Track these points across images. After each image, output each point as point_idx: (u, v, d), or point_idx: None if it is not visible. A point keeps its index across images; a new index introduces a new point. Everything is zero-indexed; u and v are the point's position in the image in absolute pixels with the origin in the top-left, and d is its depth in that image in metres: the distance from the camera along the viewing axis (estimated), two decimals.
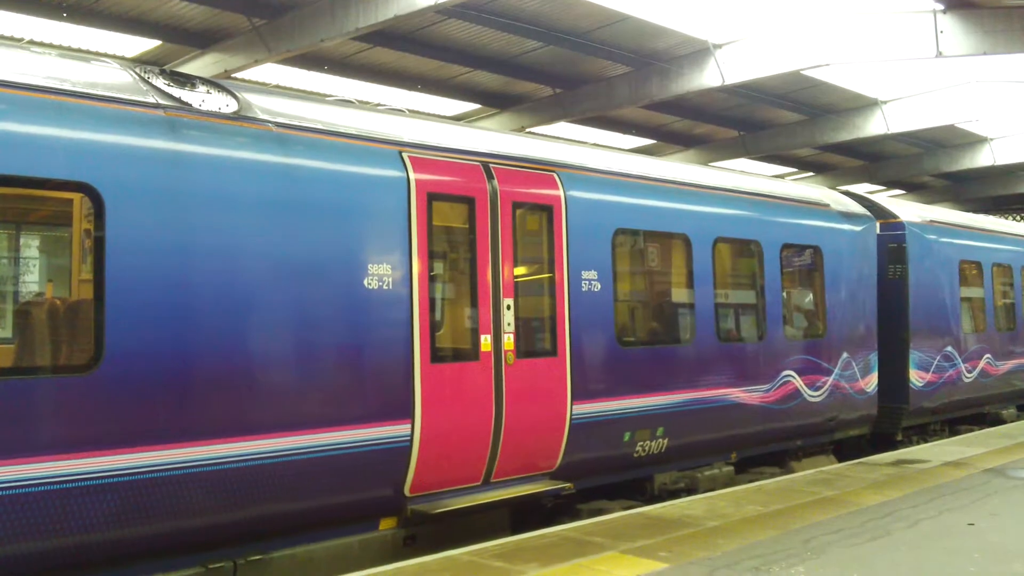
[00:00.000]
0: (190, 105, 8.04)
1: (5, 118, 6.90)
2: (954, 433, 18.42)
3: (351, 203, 8.80)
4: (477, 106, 25.26)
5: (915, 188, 41.69)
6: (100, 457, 7.06)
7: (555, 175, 10.67)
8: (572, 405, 10.49)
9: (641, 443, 11.41)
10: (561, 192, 10.62)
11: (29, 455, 6.74)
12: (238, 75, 19.66)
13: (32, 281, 8.91)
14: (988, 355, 19.10)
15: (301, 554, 8.51)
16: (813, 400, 14.08)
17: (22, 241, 8.91)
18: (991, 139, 31.81)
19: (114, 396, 7.16)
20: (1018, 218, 42.88)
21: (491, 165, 10.07)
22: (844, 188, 22.17)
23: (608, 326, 11.02)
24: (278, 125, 8.51)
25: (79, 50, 18.35)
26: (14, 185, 7.08)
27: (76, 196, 7.45)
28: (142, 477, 7.27)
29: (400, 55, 21.01)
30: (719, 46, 20.74)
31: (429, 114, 21.59)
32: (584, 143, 15.71)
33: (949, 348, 17.65)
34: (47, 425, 6.91)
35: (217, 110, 8.19)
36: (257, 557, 8.16)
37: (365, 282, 8.74)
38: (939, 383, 17.28)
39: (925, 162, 34.52)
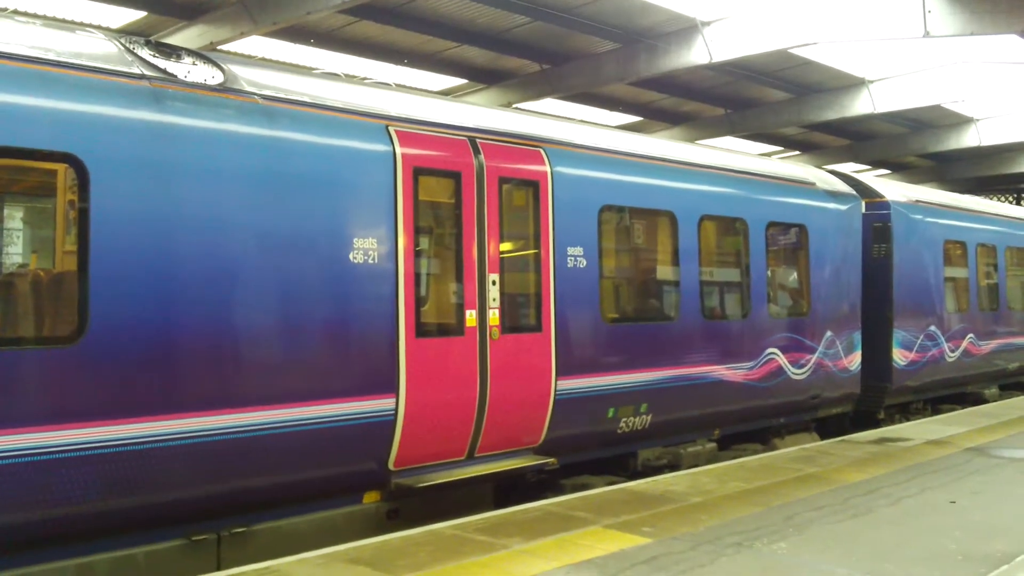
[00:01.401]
0: (175, 76, 7.98)
1: None
2: (936, 412, 18.52)
3: (337, 177, 8.77)
4: (464, 81, 25.13)
5: (901, 168, 41.70)
6: (83, 429, 7.05)
7: (542, 151, 10.65)
8: (556, 381, 10.50)
9: (625, 419, 11.44)
10: (548, 168, 10.60)
11: (12, 427, 6.73)
12: (224, 47, 19.50)
13: (16, 252, 8.85)
14: (971, 335, 19.20)
15: (285, 527, 8.53)
16: (796, 378, 14.13)
17: (5, 212, 8.84)
18: (977, 120, 31.80)
19: (98, 367, 7.15)
20: (1003, 199, 43.02)
21: (478, 140, 10.04)
22: (830, 167, 22.20)
23: (593, 302, 11.03)
24: (264, 98, 8.46)
25: (64, 20, 18.18)
26: None
27: (60, 167, 7.40)
28: (126, 449, 7.27)
29: (386, 29, 20.86)
30: (707, 23, 20.65)
31: (416, 89, 21.50)
32: (571, 119, 15.69)
33: (932, 328, 17.73)
34: (31, 396, 6.89)
35: (203, 82, 8.14)
36: (241, 529, 8.19)
37: (350, 256, 8.73)
38: (922, 362, 17.36)
39: (911, 142, 34.49)
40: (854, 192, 16.18)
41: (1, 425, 6.68)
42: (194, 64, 8.33)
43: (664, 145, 13.26)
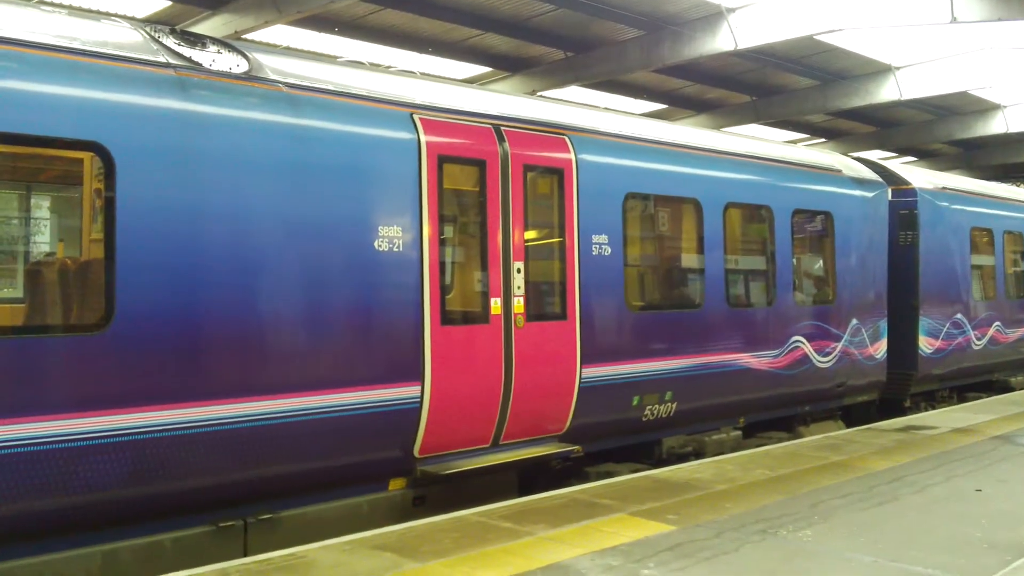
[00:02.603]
0: (200, 65, 8.01)
1: (16, 76, 6.89)
2: (962, 400, 18.42)
3: (361, 165, 8.78)
4: (488, 69, 25.11)
5: (927, 155, 41.45)
6: (111, 416, 7.10)
7: (566, 138, 10.63)
8: (581, 368, 10.50)
9: (650, 407, 11.43)
10: (572, 155, 10.58)
11: (41, 413, 6.78)
12: (248, 36, 19.56)
13: (43, 241, 8.92)
14: (998, 323, 19.07)
15: (311, 513, 8.56)
16: (822, 366, 14.08)
17: (32, 201, 8.91)
18: (1004, 106, 31.56)
19: (125, 355, 7.19)
20: None
21: (502, 128, 10.04)
22: (856, 154, 22.08)
23: (618, 290, 11.01)
24: (289, 86, 8.48)
25: (89, 10, 18.27)
26: (25, 144, 7.08)
27: (86, 155, 7.44)
28: (153, 436, 7.31)
29: (411, 17, 20.87)
30: (732, 10, 20.57)
31: (440, 77, 21.50)
32: (595, 107, 15.66)
33: (959, 315, 17.62)
34: (59, 384, 6.94)
35: (228, 70, 8.16)
36: (267, 516, 8.22)
37: (375, 244, 8.74)
38: (948, 350, 17.26)
39: (937, 129, 34.27)
40: (880, 179, 16.09)
41: (30, 412, 6.73)
42: (219, 53, 8.35)
43: (689, 132, 13.22)
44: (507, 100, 10.79)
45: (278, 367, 8.09)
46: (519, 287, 9.95)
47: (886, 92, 26.77)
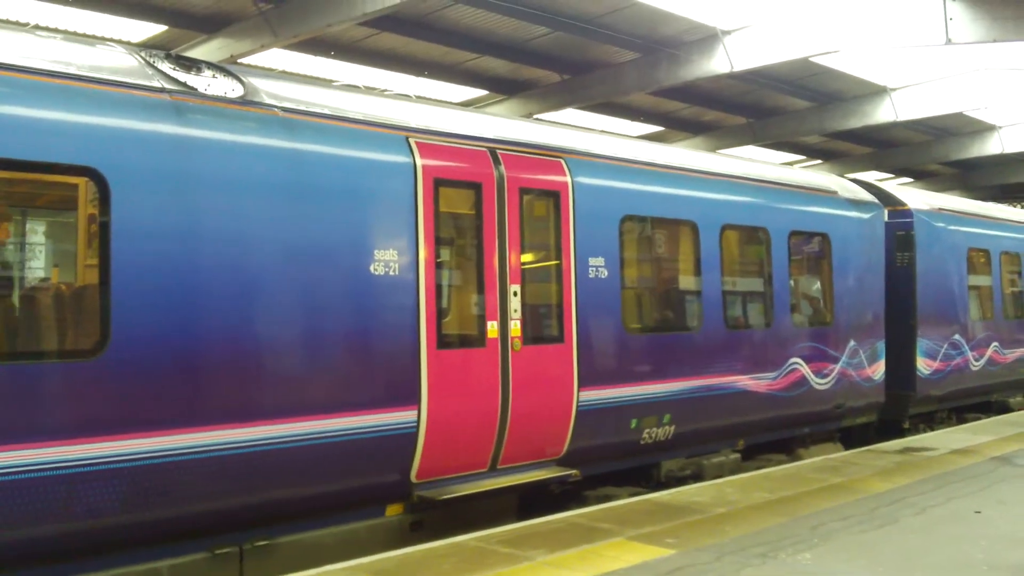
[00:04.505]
0: (196, 89, 8.00)
1: (10, 102, 6.88)
2: (961, 421, 18.38)
3: (357, 188, 8.77)
4: (485, 92, 25.18)
5: (923, 176, 41.52)
6: (107, 442, 7.05)
7: (562, 161, 10.63)
8: (579, 392, 10.46)
9: (648, 430, 11.39)
10: (568, 178, 10.58)
11: (36, 440, 6.74)
12: (244, 60, 19.61)
13: (38, 267, 8.88)
14: (996, 343, 19.05)
15: (308, 539, 8.51)
16: (820, 387, 14.05)
17: (28, 226, 8.88)
18: (1000, 127, 31.64)
19: (120, 381, 7.16)
20: None
21: (498, 151, 10.04)
22: (852, 175, 22.10)
23: (615, 313, 10.99)
24: (284, 110, 8.48)
25: (85, 35, 18.30)
26: (19, 169, 7.06)
27: (81, 180, 7.41)
28: (148, 463, 7.26)
29: (407, 40, 20.92)
30: (728, 32, 20.63)
31: (436, 100, 21.54)
32: (592, 129, 15.67)
33: (956, 336, 17.60)
34: (54, 410, 6.90)
35: (223, 94, 8.16)
36: (264, 542, 8.17)
37: (371, 268, 8.72)
38: (946, 371, 17.23)
39: (934, 150, 34.36)
40: (877, 200, 16.09)
41: (25, 439, 6.69)
42: (214, 77, 8.35)
43: (685, 154, 13.22)
44: (503, 123, 10.80)
45: (275, 392, 8.06)
46: (516, 310, 9.92)
47: (882, 113, 26.84)
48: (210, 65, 8.62)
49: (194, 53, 18.98)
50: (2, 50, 7.04)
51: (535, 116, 24.53)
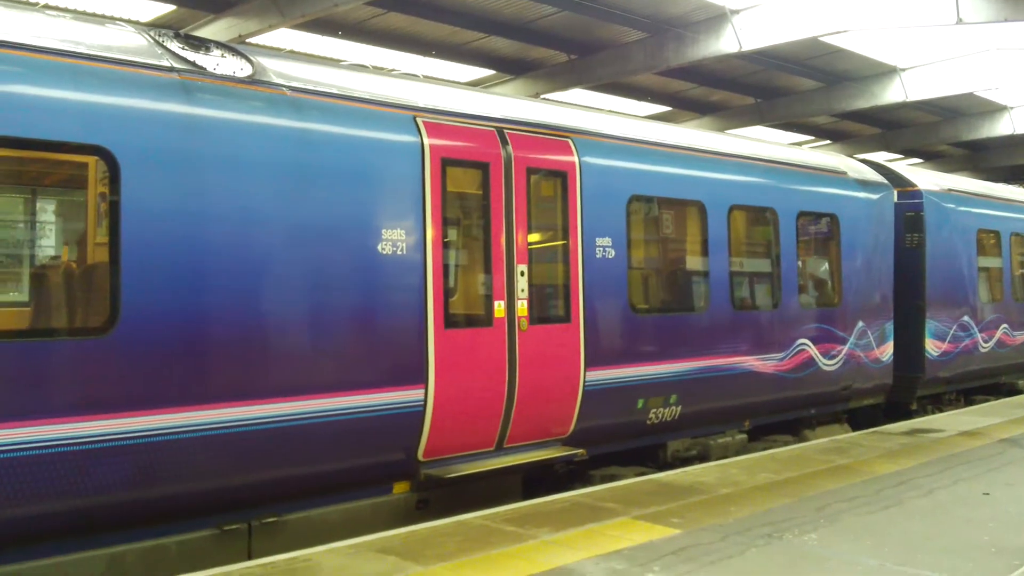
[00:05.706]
0: (204, 69, 8.01)
1: (20, 81, 6.90)
2: (969, 403, 18.37)
3: (365, 168, 8.78)
4: (492, 72, 25.10)
5: (933, 157, 41.36)
6: (116, 419, 7.10)
7: (570, 141, 10.62)
8: (585, 371, 10.48)
9: (654, 410, 11.41)
10: (576, 158, 10.57)
11: (46, 417, 6.78)
12: (252, 40, 19.56)
13: (48, 245, 8.92)
14: (1005, 325, 19.01)
15: (315, 517, 8.56)
16: (828, 369, 14.05)
17: (38, 205, 8.91)
18: (1011, 108, 31.47)
19: (130, 358, 7.20)
20: None
21: (505, 131, 10.03)
22: (861, 156, 22.03)
23: (622, 293, 11.00)
24: (292, 89, 8.48)
25: (94, 14, 18.30)
26: (30, 148, 7.09)
27: (91, 159, 7.46)
28: (157, 439, 7.31)
29: (414, 20, 20.87)
30: (736, 12, 20.54)
31: (443, 80, 21.50)
32: (599, 109, 15.61)
33: (966, 318, 17.56)
34: (64, 387, 6.94)
35: (231, 74, 8.17)
36: (272, 519, 8.22)
37: (379, 247, 8.74)
38: (955, 352, 17.21)
39: (943, 131, 34.19)
40: (886, 181, 16.05)
41: (35, 416, 6.73)
42: (223, 56, 8.36)
43: (693, 135, 13.20)
44: (510, 103, 10.79)
45: (282, 370, 8.09)
46: (523, 290, 9.93)
47: (891, 94, 26.70)
48: (219, 45, 8.63)
49: (202, 33, 18.96)
50: (13, 30, 7.06)
51: (542, 96, 24.46)
